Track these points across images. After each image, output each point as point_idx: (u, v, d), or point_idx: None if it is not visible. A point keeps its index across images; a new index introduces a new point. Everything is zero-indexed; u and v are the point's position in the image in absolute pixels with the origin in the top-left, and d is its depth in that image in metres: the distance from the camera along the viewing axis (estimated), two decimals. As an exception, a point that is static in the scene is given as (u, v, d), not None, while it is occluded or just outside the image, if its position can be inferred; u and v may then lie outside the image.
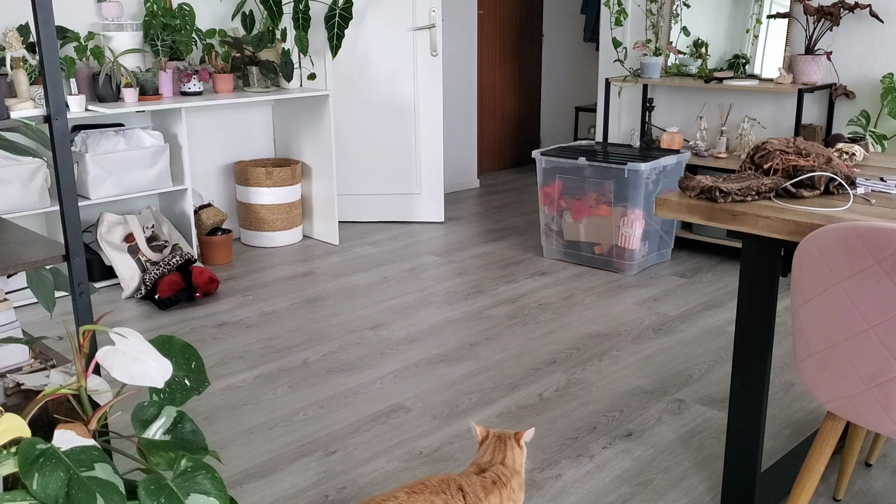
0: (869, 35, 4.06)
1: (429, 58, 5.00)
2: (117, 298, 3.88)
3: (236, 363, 3.18)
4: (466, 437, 2.62)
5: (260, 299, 3.87)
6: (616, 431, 2.66)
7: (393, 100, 5.07)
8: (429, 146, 5.13)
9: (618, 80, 4.72)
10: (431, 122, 5.10)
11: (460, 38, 5.96)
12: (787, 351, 3.24)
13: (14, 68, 3.47)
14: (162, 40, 4.10)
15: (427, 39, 4.99)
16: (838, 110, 4.20)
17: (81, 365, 1.53)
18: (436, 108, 5.08)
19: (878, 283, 1.56)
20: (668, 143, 4.50)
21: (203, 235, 4.36)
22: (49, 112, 1.76)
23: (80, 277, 1.85)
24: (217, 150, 4.73)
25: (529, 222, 5.22)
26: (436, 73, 5.02)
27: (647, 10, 4.73)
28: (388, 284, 4.07)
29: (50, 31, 1.72)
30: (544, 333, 3.45)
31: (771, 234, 1.82)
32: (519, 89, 6.92)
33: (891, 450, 2.51)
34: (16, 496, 1.25)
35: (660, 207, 2.00)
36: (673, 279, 4.12)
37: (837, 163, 2.04)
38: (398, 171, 5.17)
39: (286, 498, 2.30)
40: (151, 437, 1.47)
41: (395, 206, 5.23)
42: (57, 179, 1.79)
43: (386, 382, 3.01)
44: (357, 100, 5.06)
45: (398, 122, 5.10)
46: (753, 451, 2.10)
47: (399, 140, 5.13)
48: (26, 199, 3.67)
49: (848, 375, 1.68)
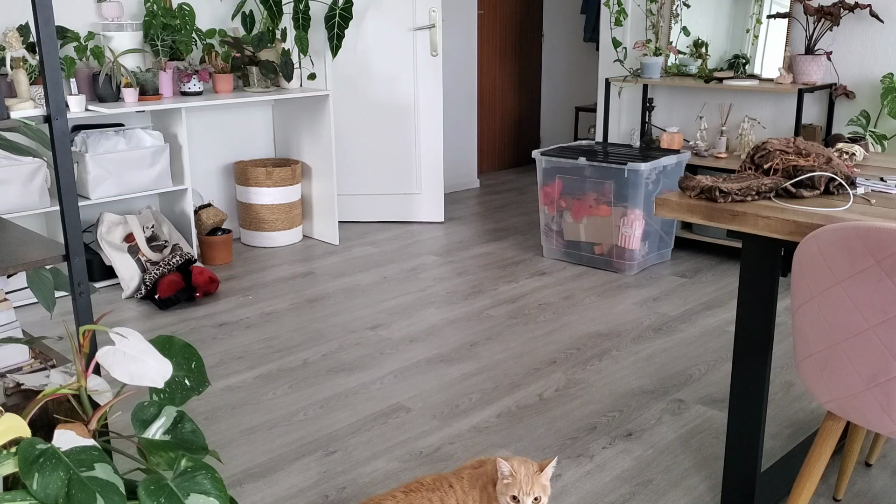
0: (869, 35, 4.06)
1: (429, 58, 5.01)
2: (117, 298, 3.88)
3: (236, 363, 3.18)
4: (466, 437, 2.62)
5: (260, 299, 3.87)
6: (616, 431, 2.66)
7: (393, 100, 5.07)
8: (429, 146, 5.13)
9: (618, 80, 4.72)
10: (431, 122, 5.10)
11: (460, 38, 5.96)
12: (787, 351, 3.24)
13: (14, 68, 3.47)
14: (162, 40, 4.10)
15: (427, 39, 4.99)
16: (838, 110, 4.20)
17: (81, 365, 1.53)
18: (436, 108, 5.08)
19: (878, 283, 1.56)
20: (668, 143, 4.50)
21: (203, 235, 4.36)
22: (49, 112, 1.76)
23: (80, 277, 1.85)
24: (217, 150, 4.73)
25: (529, 222, 5.22)
26: (436, 73, 5.02)
27: (647, 10, 4.73)
28: (388, 284, 4.07)
29: (50, 31, 1.72)
30: (544, 333, 3.45)
31: (771, 234, 1.82)
32: (519, 89, 6.92)
33: (891, 450, 2.51)
34: (16, 496, 1.25)
35: (660, 207, 2.00)
36: (673, 279, 4.12)
37: (837, 163, 2.04)
38: (398, 171, 5.17)
39: (286, 498, 2.30)
40: (151, 437, 1.47)
41: (395, 206, 5.23)
42: (57, 179, 1.79)
43: (386, 382, 3.01)
44: (357, 100, 5.06)
45: (398, 122, 5.10)
46: (753, 451, 2.10)
47: (399, 140, 5.13)
48: (26, 199, 3.67)
49: (848, 375, 1.68)
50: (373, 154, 5.14)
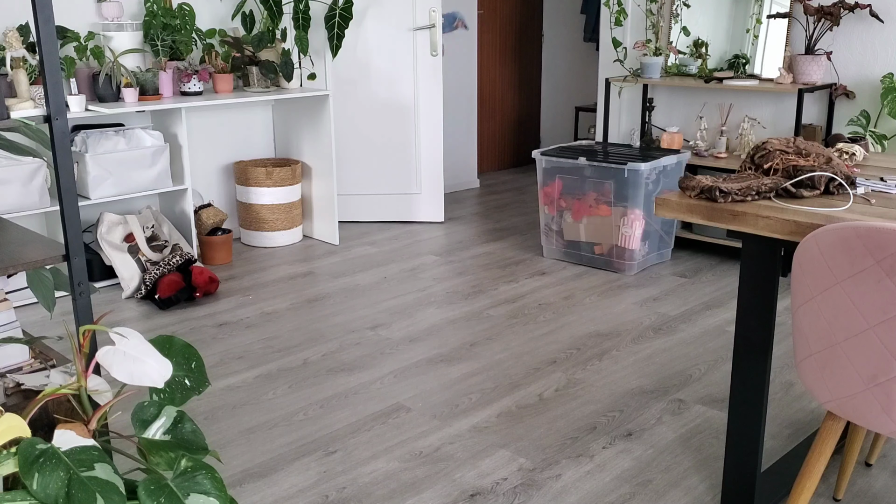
0: (869, 35, 4.06)
1: (429, 58, 5.01)
2: (117, 298, 3.88)
3: (236, 363, 3.18)
4: (466, 437, 2.62)
5: (260, 299, 3.87)
6: (616, 431, 2.66)
7: (393, 100, 5.07)
8: (429, 146, 5.13)
9: (618, 80, 4.72)
10: (431, 122, 5.10)
11: (460, 38, 5.96)
12: (787, 351, 3.24)
13: (14, 68, 3.47)
14: (162, 40, 4.10)
15: (427, 39, 4.99)
16: (838, 110, 4.20)
17: (81, 365, 1.53)
18: (435, 107, 5.08)
19: (878, 283, 1.56)
20: (668, 143, 4.50)
21: (203, 235, 4.36)
22: (49, 112, 1.76)
23: (80, 277, 1.85)
24: (217, 150, 4.73)
25: (529, 222, 5.22)
26: (436, 73, 5.02)
27: (647, 10, 4.73)
28: (388, 284, 4.07)
29: (50, 31, 1.72)
30: (544, 333, 3.45)
31: (771, 234, 1.82)
32: (519, 89, 6.92)
33: (891, 450, 2.51)
34: (16, 496, 1.25)
35: (660, 207, 2.00)
36: (673, 279, 4.12)
37: (837, 163, 2.04)
38: (398, 170, 5.17)
39: (286, 498, 2.30)
40: (151, 437, 1.47)
41: (395, 205, 5.23)
42: (57, 179, 1.79)
43: (386, 382, 3.01)
44: (357, 100, 5.06)
45: (398, 122, 5.10)
46: (753, 451, 2.10)
47: (399, 140, 5.13)
48: (26, 199, 3.67)
49: (848, 375, 1.68)
50: (373, 154, 5.14)
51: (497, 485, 2.36)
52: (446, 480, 2.38)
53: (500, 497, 2.30)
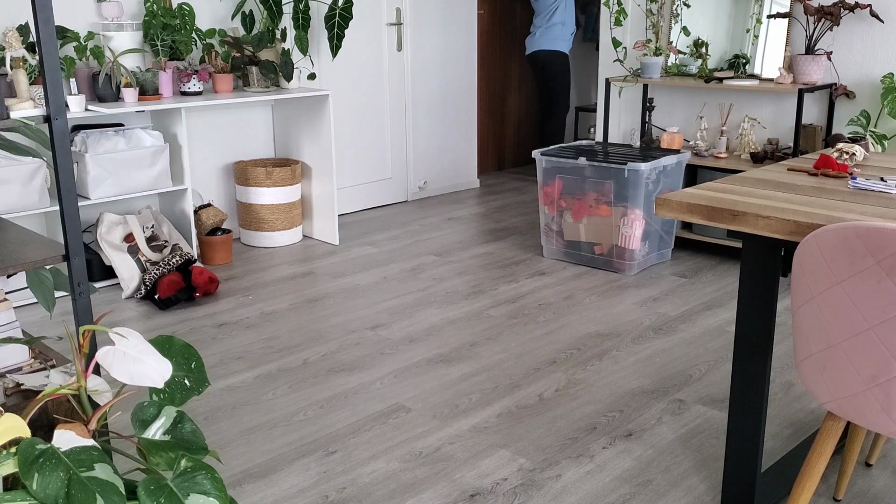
0: (869, 35, 4.06)
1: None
2: (117, 298, 3.88)
3: (236, 363, 3.18)
4: (466, 437, 2.62)
5: (260, 299, 3.87)
6: (616, 431, 2.66)
7: (366, 97, 5.07)
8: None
9: (618, 80, 4.72)
10: (397, 120, 5.10)
11: (460, 38, 5.96)
12: (787, 351, 3.24)
13: (14, 68, 3.47)
14: (162, 40, 4.10)
15: (395, 36, 5.02)
16: (838, 110, 4.20)
17: (81, 365, 1.53)
18: (400, 104, 5.08)
19: (878, 283, 1.56)
20: (668, 143, 4.50)
21: (203, 235, 4.36)
22: (49, 112, 1.76)
23: (80, 277, 1.85)
24: (217, 150, 4.73)
25: (529, 222, 5.22)
26: (400, 69, 5.02)
27: (647, 9, 4.73)
28: (388, 284, 4.07)
29: (50, 31, 1.72)
30: (544, 333, 3.45)
31: (771, 234, 1.82)
32: (519, 89, 6.92)
33: (891, 450, 2.51)
34: (16, 496, 1.25)
35: (660, 207, 2.00)
36: (673, 279, 4.12)
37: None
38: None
39: (286, 498, 2.30)
40: (151, 437, 1.47)
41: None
42: (57, 179, 1.79)
43: (386, 382, 3.01)
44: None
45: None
46: (753, 451, 2.10)
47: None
48: (26, 199, 3.67)
49: (848, 375, 1.68)
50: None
51: (497, 485, 2.36)
52: (446, 481, 2.38)
53: (500, 497, 2.30)
